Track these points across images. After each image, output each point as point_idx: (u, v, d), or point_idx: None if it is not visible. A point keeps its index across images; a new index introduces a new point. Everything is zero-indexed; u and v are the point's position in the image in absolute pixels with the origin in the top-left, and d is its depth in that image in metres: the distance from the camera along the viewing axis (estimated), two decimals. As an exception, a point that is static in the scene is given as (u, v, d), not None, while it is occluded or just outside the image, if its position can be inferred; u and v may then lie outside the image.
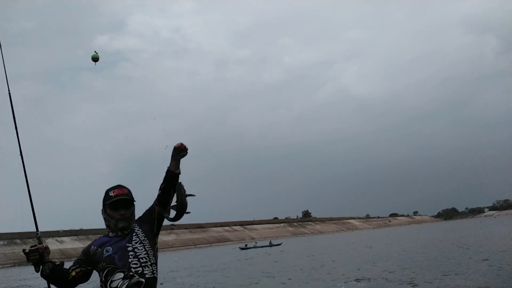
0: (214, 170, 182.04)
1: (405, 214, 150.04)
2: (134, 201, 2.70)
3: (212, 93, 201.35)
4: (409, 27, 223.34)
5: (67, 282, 2.64)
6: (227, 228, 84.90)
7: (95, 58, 8.75)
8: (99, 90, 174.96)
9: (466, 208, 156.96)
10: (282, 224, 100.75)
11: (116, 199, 2.62)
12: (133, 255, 2.57)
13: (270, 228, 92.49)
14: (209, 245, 71.81)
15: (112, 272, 2.54)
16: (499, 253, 16.06)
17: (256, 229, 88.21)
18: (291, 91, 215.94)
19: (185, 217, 2.76)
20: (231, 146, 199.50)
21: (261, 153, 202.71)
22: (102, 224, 2.76)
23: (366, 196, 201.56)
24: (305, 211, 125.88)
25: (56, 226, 63.42)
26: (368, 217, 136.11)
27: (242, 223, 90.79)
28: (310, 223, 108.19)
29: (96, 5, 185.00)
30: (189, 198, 2.71)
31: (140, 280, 2.52)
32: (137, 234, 2.65)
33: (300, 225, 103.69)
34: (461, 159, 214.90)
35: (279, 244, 47.85)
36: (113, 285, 2.51)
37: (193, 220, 74.88)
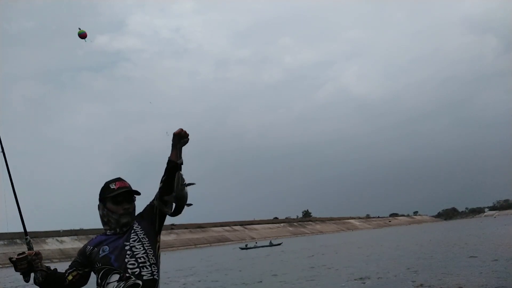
0: (214, 170, 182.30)
1: (405, 214, 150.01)
2: (139, 194, 2.47)
3: (212, 93, 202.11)
4: (409, 27, 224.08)
5: None
6: (227, 228, 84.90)
7: (82, 34, 8.45)
8: (99, 90, 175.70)
9: (466, 208, 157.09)
10: (282, 224, 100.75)
11: (119, 192, 2.38)
12: (130, 254, 2.30)
13: (270, 228, 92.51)
14: (209, 245, 71.80)
15: (108, 274, 2.27)
16: (499, 253, 16.03)
17: (256, 229, 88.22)
18: (291, 91, 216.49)
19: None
20: (231, 146, 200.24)
21: (261, 153, 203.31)
22: (102, 223, 2.57)
23: (366, 196, 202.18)
24: (305, 211, 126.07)
25: (56, 226, 63.68)
26: (368, 217, 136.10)
27: (242, 223, 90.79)
28: (310, 223, 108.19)
29: (96, 5, 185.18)
30: (189, 189, 2.38)
31: (137, 282, 2.23)
32: (136, 232, 2.39)
33: (300, 225, 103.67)
34: (461, 159, 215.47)
35: (279, 244, 47.82)
36: (109, 287, 2.25)
37: (193, 220, 75.12)
